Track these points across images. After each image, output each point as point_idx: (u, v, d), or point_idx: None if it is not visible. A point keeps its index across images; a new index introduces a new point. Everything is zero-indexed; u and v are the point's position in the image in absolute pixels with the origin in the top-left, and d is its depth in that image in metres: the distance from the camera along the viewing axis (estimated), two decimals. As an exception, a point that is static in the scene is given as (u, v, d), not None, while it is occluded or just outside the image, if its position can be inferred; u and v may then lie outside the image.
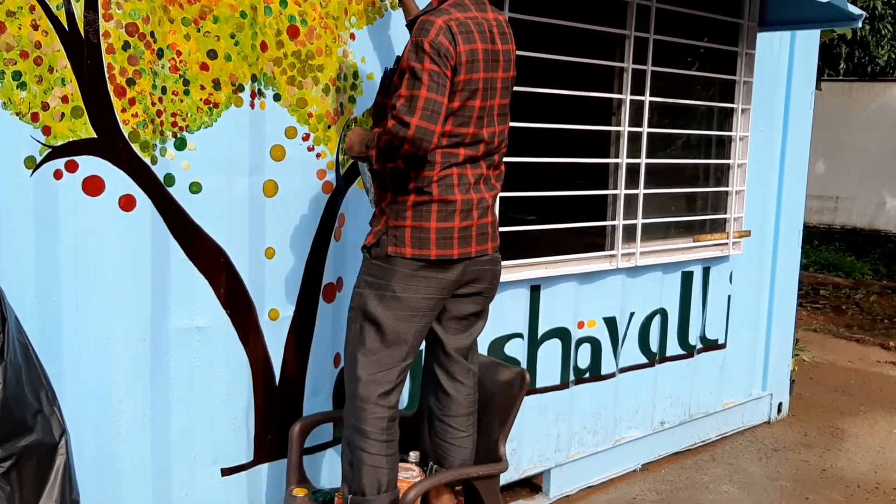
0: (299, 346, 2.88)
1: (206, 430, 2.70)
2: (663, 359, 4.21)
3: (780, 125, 4.68)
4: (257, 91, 2.65)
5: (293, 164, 2.76)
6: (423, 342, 2.61)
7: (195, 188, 2.58)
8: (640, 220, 3.91)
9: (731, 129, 4.34)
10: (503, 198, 3.30)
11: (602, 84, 3.81)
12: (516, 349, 3.56)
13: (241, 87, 2.62)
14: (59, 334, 2.39)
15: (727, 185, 4.38)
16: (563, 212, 3.73)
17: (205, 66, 2.54)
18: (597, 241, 3.91)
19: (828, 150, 10.53)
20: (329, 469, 3.02)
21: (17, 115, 2.26)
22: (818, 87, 4.97)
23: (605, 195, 3.87)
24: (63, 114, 2.32)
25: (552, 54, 3.43)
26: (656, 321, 4.14)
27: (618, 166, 3.83)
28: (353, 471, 2.48)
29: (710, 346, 4.47)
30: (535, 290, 3.57)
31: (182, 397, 2.64)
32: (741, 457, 4.41)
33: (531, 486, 3.82)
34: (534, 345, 3.61)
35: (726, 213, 4.38)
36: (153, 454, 2.60)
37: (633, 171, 3.88)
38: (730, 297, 4.51)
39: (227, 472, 2.77)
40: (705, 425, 4.51)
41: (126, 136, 2.42)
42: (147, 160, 2.47)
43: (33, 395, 2.19)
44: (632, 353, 4.05)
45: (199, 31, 2.52)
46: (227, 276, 2.68)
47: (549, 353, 3.68)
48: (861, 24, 3.89)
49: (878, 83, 11.07)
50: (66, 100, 2.32)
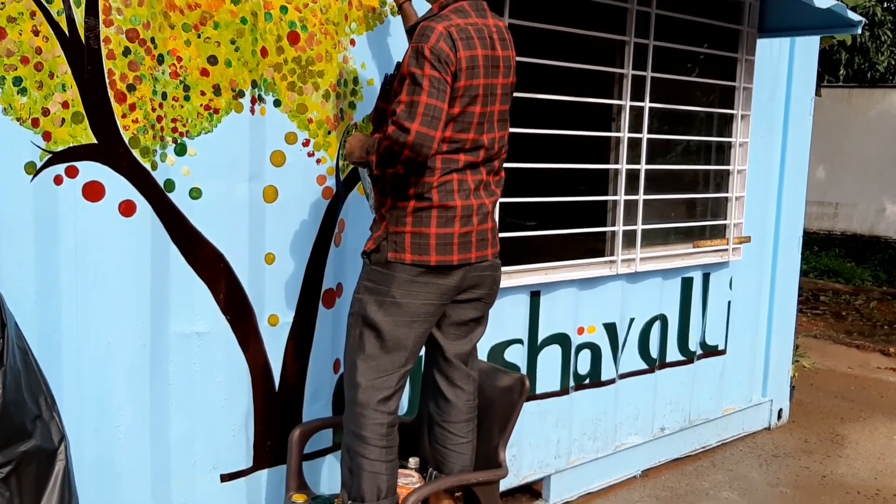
0: (299, 351, 2.88)
1: (205, 436, 2.70)
2: (663, 365, 4.21)
3: (780, 131, 4.69)
4: (257, 97, 2.65)
5: (293, 170, 2.77)
6: (423, 348, 2.61)
7: (195, 194, 2.58)
8: (639, 226, 3.91)
9: (730, 135, 4.35)
10: (503, 203, 3.30)
11: (602, 90, 3.81)
12: (516, 355, 3.56)
13: (242, 93, 2.62)
14: (58, 339, 2.39)
15: (727, 191, 4.38)
16: (563, 217, 3.73)
17: (205, 72, 2.55)
18: (597, 246, 3.91)
19: (828, 156, 10.53)
20: (328, 475, 3.01)
21: (18, 120, 2.26)
22: (818, 93, 4.98)
23: (605, 201, 3.87)
24: (63, 119, 2.33)
25: (552, 60, 3.44)
26: (656, 327, 4.14)
27: (618, 172, 3.83)
28: (352, 477, 2.48)
29: (710, 352, 4.47)
30: (534, 295, 3.57)
31: (181, 403, 2.64)
32: (741, 463, 4.40)
33: (531, 492, 3.81)
34: (534, 350, 3.61)
35: (726, 218, 4.38)
36: (152, 460, 2.60)
37: (632, 176, 3.88)
38: (730, 303, 4.51)
39: (226, 477, 2.77)
40: (705, 431, 4.51)
41: (126, 142, 2.43)
42: (147, 166, 2.47)
43: (32, 400, 2.18)
44: (632, 359, 4.05)
45: (199, 36, 2.52)
46: (227, 282, 2.68)
47: (549, 358, 3.68)
48: (861, 31, 3.90)
49: (878, 89, 11.07)
50: (66, 105, 2.32)
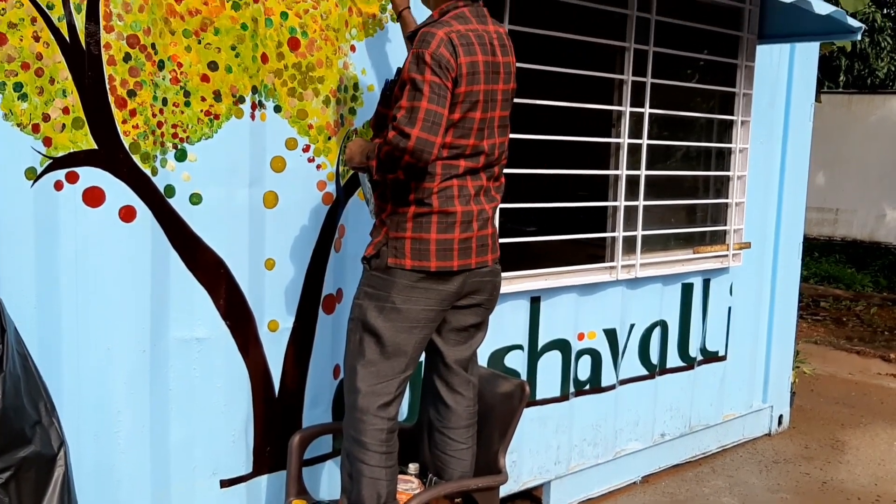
0: (299, 357, 2.88)
1: (205, 442, 2.70)
2: (663, 371, 4.20)
3: (780, 137, 4.69)
4: (258, 102, 2.66)
5: (293, 176, 2.77)
6: (423, 354, 2.61)
7: (195, 199, 2.58)
8: (640, 232, 3.91)
9: (730, 141, 4.35)
10: (503, 209, 3.30)
11: (602, 96, 3.82)
12: (516, 361, 3.56)
13: (242, 99, 2.62)
14: (58, 345, 2.39)
15: (727, 197, 4.38)
16: (564, 223, 3.73)
17: (205, 78, 2.55)
18: (597, 252, 3.91)
19: (827, 162, 10.55)
20: (328, 481, 3.01)
21: (18, 126, 2.26)
22: (818, 100, 4.98)
23: (605, 207, 3.87)
24: (64, 125, 2.33)
25: (552, 66, 3.45)
26: (656, 333, 4.13)
27: (618, 178, 3.84)
28: (352, 482, 2.48)
29: (711, 358, 4.46)
30: (535, 301, 3.57)
31: (181, 408, 2.64)
32: (742, 469, 4.40)
33: (531, 498, 3.81)
34: (534, 356, 3.61)
35: (726, 224, 4.38)
36: (152, 465, 2.60)
37: (632, 182, 3.88)
38: (730, 308, 4.51)
39: (226, 483, 2.76)
40: (706, 437, 4.50)
41: (126, 148, 2.43)
42: (147, 171, 2.48)
43: (32, 406, 2.18)
44: (632, 364, 4.05)
45: (199, 42, 2.53)
46: (227, 287, 2.68)
47: (550, 364, 3.68)
48: (860, 37, 3.90)
49: (878, 95, 11.09)
50: (66, 111, 2.33)
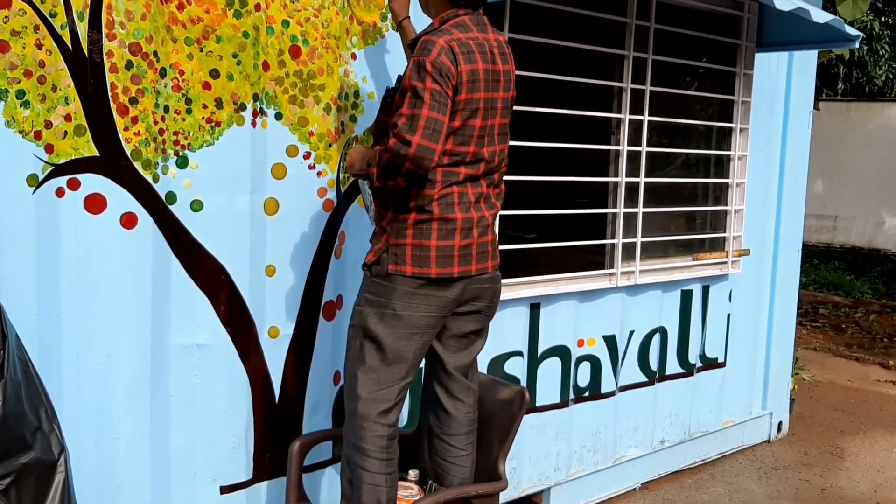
0: (299, 363, 2.88)
1: (205, 448, 2.70)
2: (663, 377, 4.21)
3: (779, 144, 4.70)
4: (259, 110, 2.67)
5: (294, 183, 2.78)
6: (423, 360, 2.61)
7: (196, 206, 2.59)
8: (639, 239, 3.92)
9: (729, 149, 4.36)
10: (503, 216, 3.31)
11: (601, 104, 3.83)
12: (516, 367, 3.56)
13: (243, 106, 2.64)
14: (59, 351, 2.39)
15: (726, 204, 4.39)
16: (563, 230, 3.74)
17: (207, 86, 2.56)
18: (596, 259, 3.92)
19: (826, 169, 10.56)
20: (328, 487, 3.01)
21: (21, 133, 2.27)
22: (816, 107, 5.00)
23: (605, 214, 3.88)
24: (66, 132, 2.34)
25: (552, 74, 3.46)
26: (656, 339, 4.14)
27: (617, 185, 3.85)
28: (352, 489, 2.48)
29: (710, 364, 4.47)
30: (534, 308, 3.58)
31: (182, 415, 2.64)
32: (741, 476, 4.40)
33: (531, 505, 3.81)
34: (534, 363, 3.61)
35: (725, 231, 4.39)
36: (152, 472, 2.60)
37: (632, 189, 3.89)
38: (729, 315, 4.52)
39: (226, 489, 2.76)
40: (705, 444, 4.50)
41: (128, 155, 2.44)
42: (149, 178, 2.49)
43: (33, 412, 2.19)
44: (631, 371, 4.05)
45: (201, 50, 2.54)
46: (228, 294, 2.68)
47: (549, 371, 3.68)
48: (858, 45, 3.92)
49: (876, 103, 11.10)
50: (68, 118, 2.34)
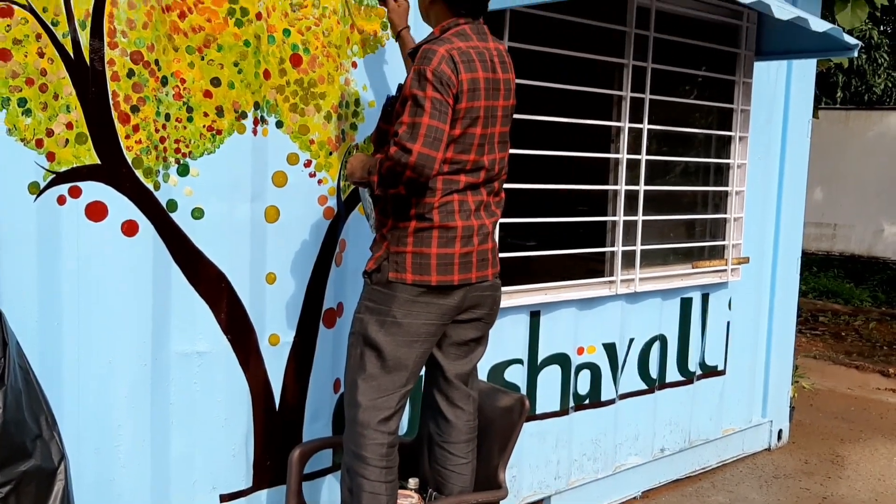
0: (299, 371, 2.88)
1: (205, 456, 2.70)
2: (663, 385, 4.21)
3: (778, 153, 4.71)
4: (260, 118, 2.68)
5: (295, 190, 2.78)
6: (423, 368, 2.61)
7: (197, 214, 2.59)
8: (639, 247, 3.92)
9: (729, 157, 4.37)
10: (503, 224, 3.31)
11: (601, 112, 3.84)
12: (516, 375, 3.56)
13: (244, 114, 2.64)
14: (59, 358, 2.40)
15: (726, 212, 4.40)
16: (563, 238, 3.75)
17: (208, 94, 2.57)
18: (596, 267, 3.92)
19: (825, 177, 10.58)
20: (328, 495, 3.01)
21: (22, 141, 2.28)
22: (815, 115, 5.02)
23: (605, 221, 3.89)
24: (67, 140, 2.34)
25: (552, 83, 3.47)
26: (656, 347, 4.14)
27: (617, 193, 3.86)
28: (352, 497, 2.47)
29: (710, 372, 4.47)
30: (534, 315, 3.58)
31: (182, 422, 2.64)
32: (742, 484, 4.39)
33: (531, 513, 3.80)
34: (533, 371, 3.61)
35: (725, 239, 4.40)
36: (152, 479, 2.59)
37: (631, 197, 3.90)
38: (729, 323, 4.52)
39: (226, 497, 2.76)
40: (705, 452, 4.50)
41: (129, 162, 2.44)
42: (150, 186, 2.49)
43: (33, 419, 2.19)
44: (631, 379, 4.05)
45: (203, 59, 2.55)
46: (228, 302, 2.69)
47: (549, 379, 3.68)
48: (857, 54, 3.94)
49: (875, 111, 11.12)
50: (70, 126, 2.34)
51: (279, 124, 2.72)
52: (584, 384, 3.83)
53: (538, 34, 3.38)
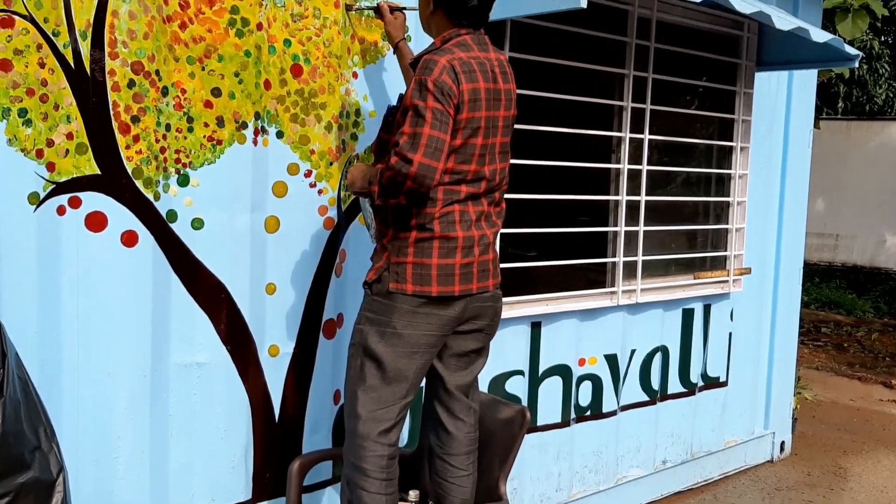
0: (299, 382, 2.87)
1: (204, 467, 2.68)
2: (665, 396, 4.19)
3: (779, 163, 4.71)
4: (260, 128, 2.68)
5: (295, 201, 2.78)
6: (424, 379, 2.60)
7: (197, 224, 2.59)
8: (640, 257, 3.92)
9: (730, 167, 4.37)
10: (504, 234, 3.31)
11: (602, 122, 3.84)
12: (517, 386, 3.55)
13: (245, 125, 2.64)
14: (58, 369, 2.39)
15: (727, 223, 4.39)
16: (564, 248, 3.74)
17: (209, 104, 2.57)
18: (597, 277, 3.91)
19: (827, 187, 10.57)
20: (328, 507, 2.99)
21: (22, 151, 2.28)
22: (816, 126, 5.01)
23: (606, 232, 3.88)
24: (67, 150, 2.34)
25: (553, 93, 3.47)
26: (657, 358, 4.12)
27: (618, 203, 3.85)
28: (352, 509, 2.46)
29: (712, 383, 4.45)
30: (535, 326, 3.57)
31: (181, 433, 2.63)
32: (744, 496, 4.37)
33: (532, 525, 3.78)
34: (535, 382, 3.60)
35: (726, 250, 4.39)
36: (151, 491, 2.58)
37: (633, 208, 3.90)
38: (731, 334, 4.51)
39: (225, 510, 2.75)
40: (708, 464, 4.48)
41: (129, 173, 2.44)
42: (150, 196, 2.49)
43: (32, 431, 2.17)
44: (633, 390, 4.04)
45: (203, 69, 2.55)
46: (228, 312, 2.68)
47: (550, 390, 3.67)
48: (858, 64, 3.94)
49: (877, 122, 11.12)
50: (70, 136, 2.34)
51: (280, 134, 2.72)
52: (585, 396, 3.81)
53: (539, 45, 3.38)
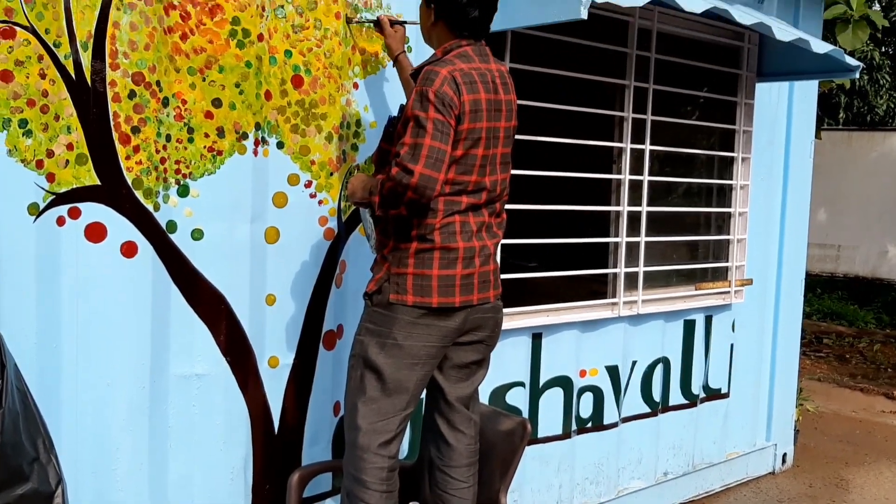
0: (299, 394, 2.86)
1: (203, 479, 2.67)
2: (666, 408, 4.17)
3: (781, 174, 4.71)
4: (261, 139, 2.67)
5: (295, 211, 2.78)
6: (424, 391, 2.59)
7: (197, 235, 2.59)
8: (641, 268, 3.91)
9: (731, 178, 4.37)
10: (505, 245, 3.30)
11: (603, 133, 3.84)
12: (518, 398, 3.53)
13: (245, 135, 2.64)
14: (58, 380, 2.38)
15: (728, 234, 4.39)
16: (565, 259, 3.73)
17: (209, 115, 2.57)
18: (598, 288, 3.90)
19: (828, 198, 10.57)
20: (328, 519, 2.98)
21: (22, 161, 2.28)
22: (818, 136, 5.01)
23: (607, 243, 3.88)
24: (68, 161, 2.34)
25: (553, 104, 3.47)
26: (659, 370, 4.11)
27: (619, 214, 3.85)
28: (352, 522, 2.45)
29: (713, 395, 4.43)
30: (536, 337, 3.56)
31: (180, 445, 2.62)
32: (746, 508, 4.35)
33: (533, 537, 3.76)
34: (535, 394, 3.59)
35: (728, 261, 4.38)
36: (150, 502, 2.57)
37: (634, 218, 3.89)
38: (732, 345, 4.49)
39: (224, 522, 2.73)
40: (709, 476, 4.46)
41: (129, 183, 2.44)
42: (150, 207, 2.48)
43: (30, 442, 2.17)
44: (634, 402, 4.02)
45: (204, 80, 2.55)
46: (228, 323, 2.67)
47: (551, 402, 3.65)
48: (859, 75, 3.94)
49: (878, 132, 11.13)
50: (70, 147, 2.34)
51: (280, 145, 2.72)
52: (586, 407, 3.80)
53: (540, 55, 3.38)
